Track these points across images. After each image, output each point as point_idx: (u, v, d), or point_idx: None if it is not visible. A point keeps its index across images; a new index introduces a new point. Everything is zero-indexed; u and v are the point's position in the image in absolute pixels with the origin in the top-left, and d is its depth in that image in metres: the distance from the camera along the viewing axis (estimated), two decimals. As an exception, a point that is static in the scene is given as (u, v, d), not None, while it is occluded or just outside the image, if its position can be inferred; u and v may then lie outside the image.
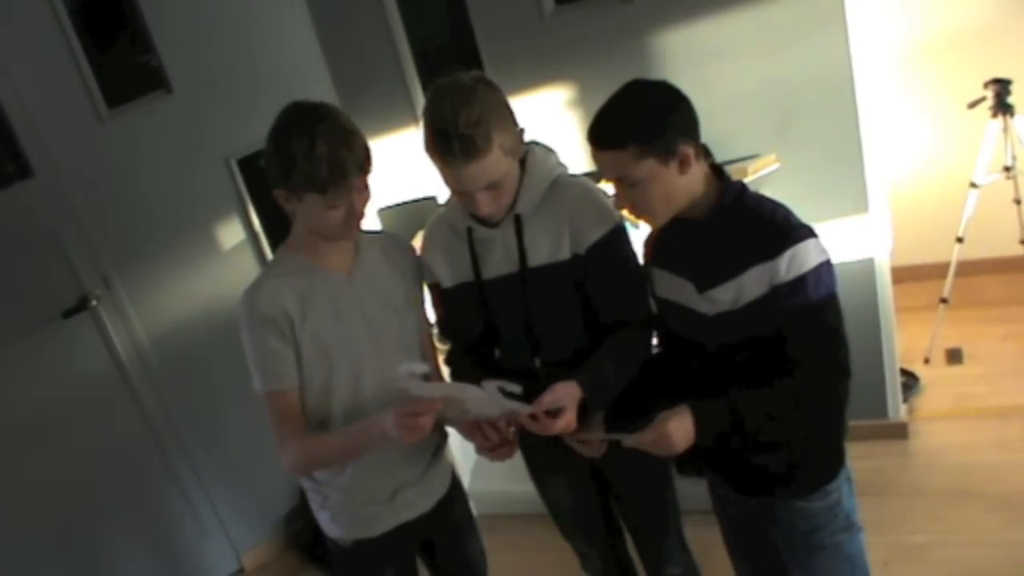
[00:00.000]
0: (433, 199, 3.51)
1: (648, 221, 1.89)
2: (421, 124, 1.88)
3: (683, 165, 1.76)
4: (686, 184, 1.79)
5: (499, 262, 2.03)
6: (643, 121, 1.76)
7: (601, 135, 1.78)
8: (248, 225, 3.53)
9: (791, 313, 1.73)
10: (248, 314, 1.94)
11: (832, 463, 1.93)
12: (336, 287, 1.99)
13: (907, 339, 3.75)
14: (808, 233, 1.75)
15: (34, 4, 3.03)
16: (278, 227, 3.60)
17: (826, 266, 1.75)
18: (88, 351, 3.29)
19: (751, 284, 1.76)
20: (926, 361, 3.78)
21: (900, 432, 3.40)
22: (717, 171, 1.85)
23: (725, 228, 1.81)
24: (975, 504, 3.03)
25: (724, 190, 1.82)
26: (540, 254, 2.00)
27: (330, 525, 2.16)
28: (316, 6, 3.62)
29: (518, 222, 1.99)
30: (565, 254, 1.99)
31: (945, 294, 3.71)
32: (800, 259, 1.72)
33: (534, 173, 2.00)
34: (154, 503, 3.51)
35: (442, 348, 2.27)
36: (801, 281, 1.72)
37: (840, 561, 1.97)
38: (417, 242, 2.19)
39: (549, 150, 2.07)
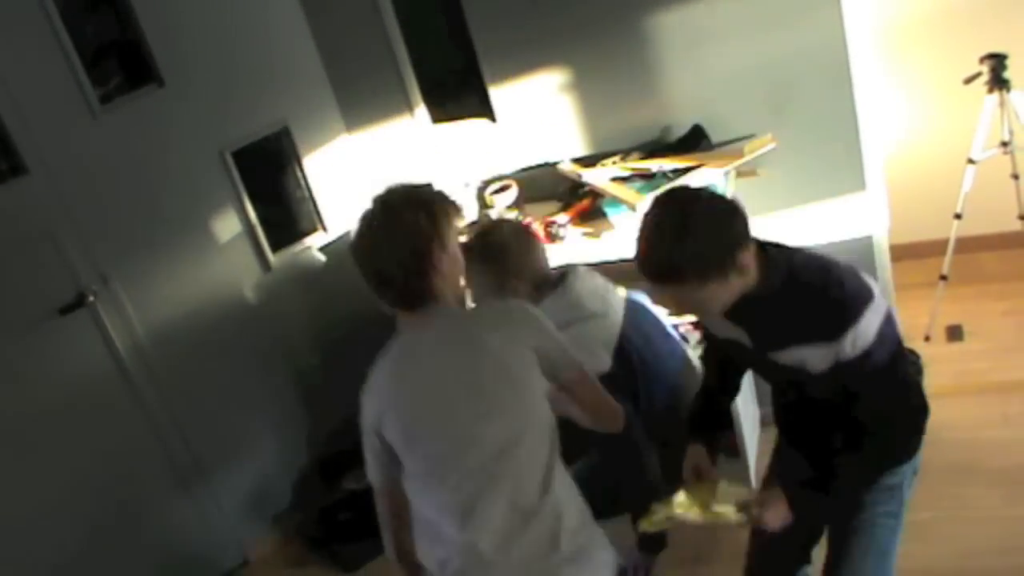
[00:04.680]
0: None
1: (701, 317, 1.98)
2: (417, 112, 1.86)
3: (742, 269, 1.73)
4: (743, 282, 1.76)
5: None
6: (702, 253, 1.68)
7: (659, 272, 1.72)
8: (244, 217, 3.51)
9: (863, 377, 1.77)
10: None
11: (907, 448, 1.96)
12: None
13: (907, 317, 3.74)
14: (864, 301, 1.74)
15: (24, 1, 3.01)
16: (273, 219, 3.62)
17: (887, 324, 1.76)
18: (86, 347, 3.28)
19: (813, 358, 1.78)
20: (926, 338, 3.77)
21: (902, 410, 3.39)
22: (761, 247, 1.81)
23: (779, 305, 1.79)
24: (978, 480, 3.04)
25: (770, 274, 1.78)
26: None
27: None
28: (307, -5, 3.61)
29: None
30: None
31: (944, 271, 3.70)
32: (863, 336, 1.73)
33: None
34: (157, 497, 3.50)
35: None
36: (868, 355, 1.74)
37: (875, 547, 1.99)
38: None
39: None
